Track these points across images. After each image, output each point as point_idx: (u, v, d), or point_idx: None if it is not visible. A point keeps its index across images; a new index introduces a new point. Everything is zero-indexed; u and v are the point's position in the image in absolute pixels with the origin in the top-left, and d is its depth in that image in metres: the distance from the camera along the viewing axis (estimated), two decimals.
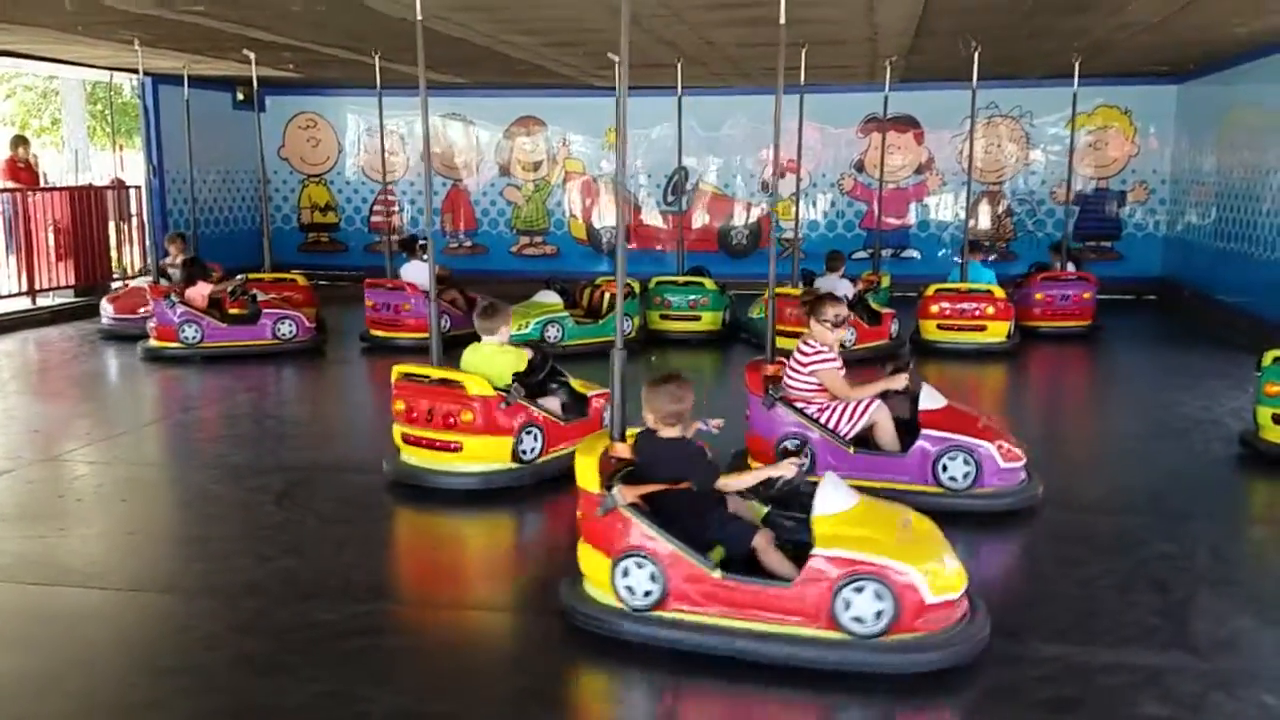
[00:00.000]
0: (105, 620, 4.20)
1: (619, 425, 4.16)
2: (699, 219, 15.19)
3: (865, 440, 5.50)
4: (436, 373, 5.89)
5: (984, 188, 14.30)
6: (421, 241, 10.50)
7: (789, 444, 5.43)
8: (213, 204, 14.96)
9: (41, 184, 13.41)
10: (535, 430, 5.82)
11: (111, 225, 13.49)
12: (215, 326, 9.58)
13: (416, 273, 10.25)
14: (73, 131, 21.13)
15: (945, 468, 5.26)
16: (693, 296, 10.66)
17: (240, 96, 14.78)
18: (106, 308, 10.99)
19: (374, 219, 16.01)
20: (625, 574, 3.84)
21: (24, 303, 11.96)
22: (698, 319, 10.66)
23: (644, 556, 3.80)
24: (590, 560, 4.01)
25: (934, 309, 10.16)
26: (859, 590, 3.60)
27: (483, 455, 5.71)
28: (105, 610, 4.28)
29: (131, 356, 9.62)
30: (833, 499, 3.85)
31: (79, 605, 4.30)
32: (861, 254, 14.22)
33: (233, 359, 9.44)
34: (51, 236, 12.31)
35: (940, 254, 14.44)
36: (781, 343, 9.60)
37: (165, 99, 13.54)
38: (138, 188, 13.91)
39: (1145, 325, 12.31)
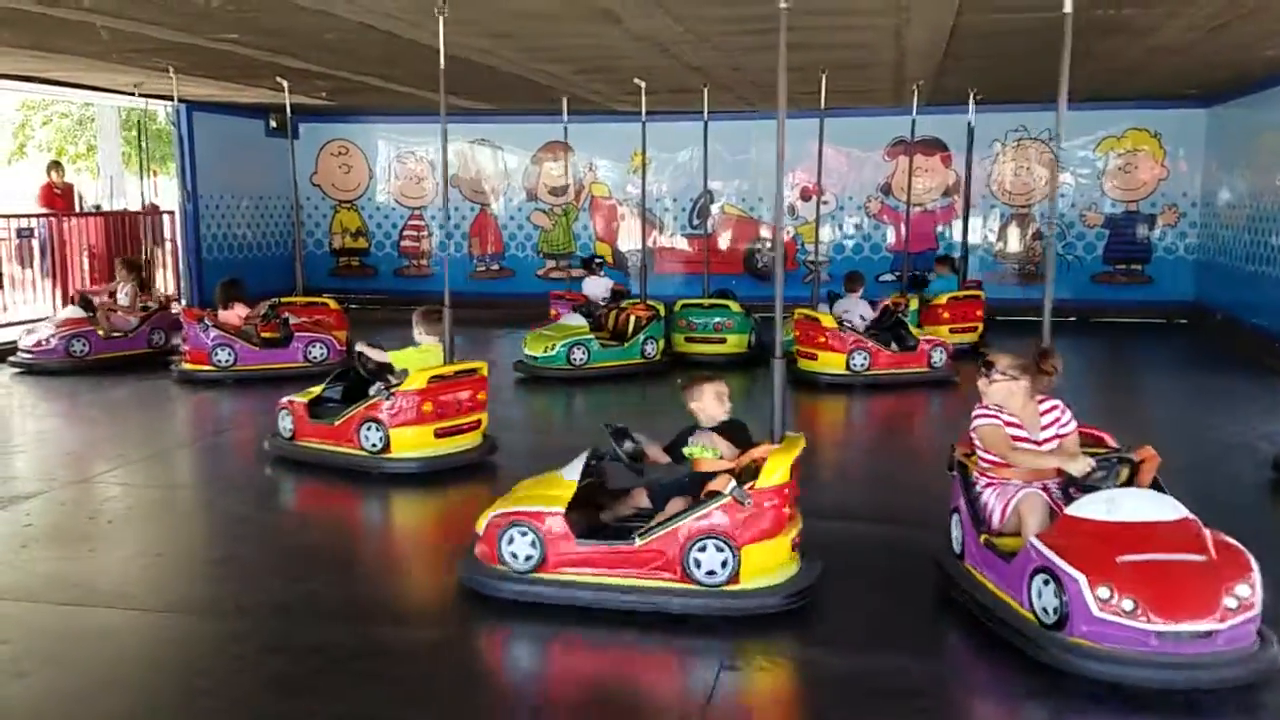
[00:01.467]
0: (135, 640, 4.25)
1: (780, 426, 4.60)
2: (724, 242, 15.24)
3: None
4: (450, 369, 6.68)
5: (1012, 211, 14.24)
6: (597, 260, 12.71)
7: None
8: (246, 229, 15.16)
9: (77, 209, 13.63)
10: None
11: (145, 250, 13.67)
12: (248, 350, 9.70)
13: (593, 287, 11.85)
14: (108, 158, 21.46)
15: (1039, 593, 3.98)
16: (718, 319, 10.66)
17: (274, 124, 14.99)
18: (26, 339, 10.34)
19: (404, 243, 16.18)
20: None
21: None
22: (723, 341, 10.66)
23: None
24: None
25: (945, 315, 11.40)
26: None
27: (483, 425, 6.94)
28: (135, 630, 4.32)
29: (162, 380, 9.73)
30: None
31: (109, 625, 4.34)
32: (888, 276, 14.19)
33: (264, 382, 9.51)
34: (86, 261, 12.49)
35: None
36: (803, 364, 9.73)
37: (199, 126, 13.79)
38: (171, 213, 14.13)
39: (1176, 349, 12.18)
